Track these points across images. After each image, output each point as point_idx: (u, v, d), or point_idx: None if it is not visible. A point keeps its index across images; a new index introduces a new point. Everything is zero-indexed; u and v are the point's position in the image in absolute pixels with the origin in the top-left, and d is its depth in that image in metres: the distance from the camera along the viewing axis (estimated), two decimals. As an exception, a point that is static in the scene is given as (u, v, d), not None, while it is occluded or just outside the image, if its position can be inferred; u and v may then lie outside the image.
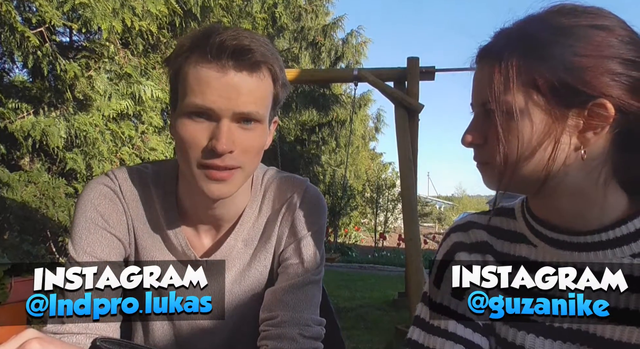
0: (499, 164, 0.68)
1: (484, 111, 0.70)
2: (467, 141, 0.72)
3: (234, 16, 5.12)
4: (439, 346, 0.74)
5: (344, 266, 8.99)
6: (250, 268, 1.00)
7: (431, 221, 25.86)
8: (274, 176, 1.04)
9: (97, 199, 0.93)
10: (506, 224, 0.80)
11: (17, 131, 3.62)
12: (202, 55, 0.83)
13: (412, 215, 4.21)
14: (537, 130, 0.66)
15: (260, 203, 1.01)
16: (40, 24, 3.52)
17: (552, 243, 0.72)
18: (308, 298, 0.96)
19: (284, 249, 0.99)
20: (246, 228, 0.99)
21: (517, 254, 0.76)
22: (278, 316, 0.93)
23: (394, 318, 4.69)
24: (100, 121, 3.96)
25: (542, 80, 0.65)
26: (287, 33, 10.57)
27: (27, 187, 3.66)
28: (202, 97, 0.82)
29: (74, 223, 0.92)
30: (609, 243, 0.68)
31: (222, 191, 0.86)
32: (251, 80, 0.84)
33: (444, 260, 0.80)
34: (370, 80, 4.40)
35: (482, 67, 0.71)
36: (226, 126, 0.82)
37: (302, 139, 11.20)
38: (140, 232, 0.96)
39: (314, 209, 1.01)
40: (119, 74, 4.09)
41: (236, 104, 0.82)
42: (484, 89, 0.68)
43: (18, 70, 4.27)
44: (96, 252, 0.90)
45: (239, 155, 0.85)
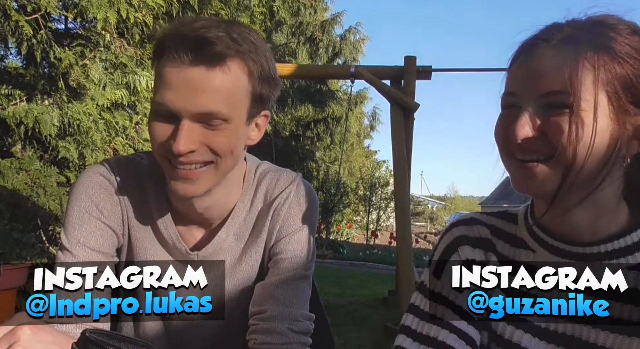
0: (561, 162, 0.64)
1: (547, 102, 0.65)
2: (523, 134, 0.65)
3: (232, 9, 5.09)
4: (433, 334, 0.74)
5: (335, 263, 9.02)
6: (242, 261, 1.00)
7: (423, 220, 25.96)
8: (267, 170, 1.03)
9: (92, 189, 0.92)
10: (507, 227, 0.79)
11: (9, 117, 3.59)
12: (161, 52, 0.80)
13: (405, 214, 4.22)
14: (606, 130, 0.64)
15: (252, 197, 1.00)
16: (35, 12, 3.48)
17: (551, 250, 0.72)
18: (298, 292, 0.96)
19: (275, 243, 0.99)
20: (237, 222, 0.98)
21: (517, 259, 0.76)
22: (267, 310, 0.92)
23: (384, 315, 4.70)
24: (94, 111, 3.93)
25: (618, 82, 0.64)
26: (285, 28, 10.53)
27: (19, 175, 3.63)
28: (161, 96, 0.79)
29: (68, 212, 0.91)
30: (607, 255, 0.68)
31: (188, 189, 0.84)
32: (212, 75, 0.79)
33: (446, 251, 0.80)
34: (367, 78, 4.40)
35: (550, 57, 0.65)
36: (186, 126, 0.79)
37: (297, 135, 11.18)
38: (134, 222, 0.95)
39: (306, 204, 1.01)
40: (114, 64, 4.05)
41: (194, 104, 0.78)
42: (553, 80, 0.64)
43: (12, 57, 4.22)
44: (89, 242, 0.89)
45: (205, 152, 0.82)
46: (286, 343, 0.90)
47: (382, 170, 15.93)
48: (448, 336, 0.73)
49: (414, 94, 4.35)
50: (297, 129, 11.24)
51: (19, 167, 3.68)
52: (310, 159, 11.27)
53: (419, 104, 4.36)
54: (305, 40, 11.09)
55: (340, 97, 10.97)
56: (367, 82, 4.54)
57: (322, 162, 12.61)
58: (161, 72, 0.80)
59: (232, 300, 1.01)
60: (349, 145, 13.89)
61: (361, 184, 14.94)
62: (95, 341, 0.52)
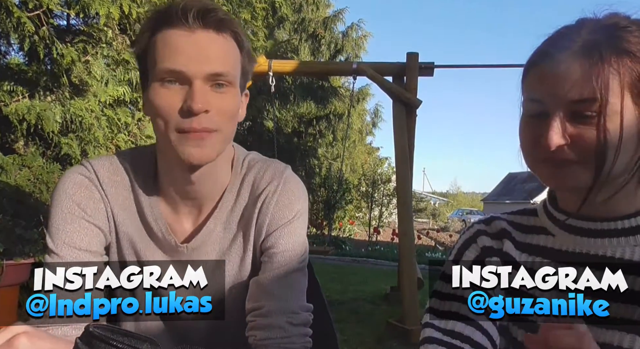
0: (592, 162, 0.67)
1: (576, 109, 0.68)
2: (556, 143, 0.68)
3: (234, 5, 5.08)
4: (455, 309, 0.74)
5: (337, 259, 9.02)
6: (230, 252, 1.00)
7: (425, 216, 25.98)
8: (255, 159, 1.03)
9: (72, 189, 0.91)
10: (527, 221, 0.83)
11: (12, 114, 3.59)
12: (168, 21, 0.84)
13: (407, 210, 4.21)
14: (633, 129, 0.67)
15: (239, 186, 0.99)
16: (37, 8, 3.48)
17: (569, 230, 0.75)
18: (293, 285, 0.96)
19: (266, 237, 0.98)
20: (225, 212, 0.98)
21: (535, 243, 0.79)
22: (264, 306, 0.92)
23: (386, 312, 4.71)
24: (96, 107, 3.93)
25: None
26: (288, 24, 10.52)
27: (21, 171, 3.64)
28: (172, 61, 0.83)
29: (50, 216, 0.91)
30: (624, 232, 0.71)
31: (201, 154, 0.86)
32: (219, 39, 0.86)
33: (465, 243, 0.85)
34: (369, 74, 4.39)
35: (573, 63, 0.67)
36: (199, 86, 0.83)
37: (299, 131, 11.19)
38: (121, 218, 0.95)
39: (294, 196, 1.00)
40: (117, 60, 4.05)
41: (207, 65, 0.84)
42: (582, 86, 0.66)
43: (14, 53, 4.22)
44: (76, 242, 0.89)
45: (214, 116, 0.85)
46: (286, 337, 0.91)
47: (385, 166, 15.92)
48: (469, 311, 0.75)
49: (416, 90, 4.34)
50: (299, 125, 11.24)
51: (21, 163, 3.69)
52: (312, 156, 11.28)
53: (421, 101, 4.35)
54: (308, 36, 11.08)
55: (343, 93, 10.95)
56: (369, 79, 4.53)
57: (324, 159, 12.62)
58: (168, 39, 0.84)
59: (224, 291, 1.02)
60: (351, 142, 13.89)
61: (363, 181, 14.93)
62: (99, 336, 0.52)
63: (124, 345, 0.52)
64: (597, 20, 0.71)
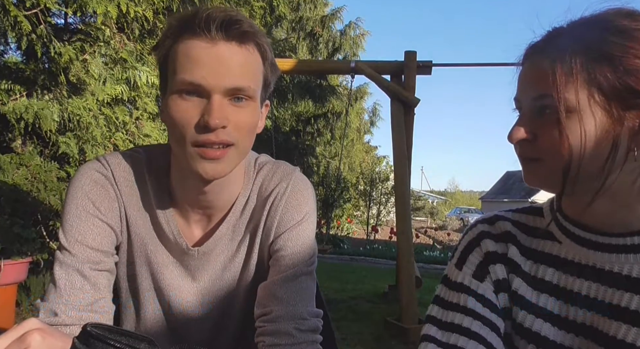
0: (556, 160, 0.68)
1: (537, 106, 0.69)
2: (517, 137, 0.70)
3: (232, 3, 5.06)
4: (458, 321, 0.75)
5: (335, 258, 9.03)
6: (237, 254, 0.99)
7: (423, 215, 25.96)
8: (265, 161, 1.02)
9: (89, 186, 0.91)
10: (532, 222, 0.82)
11: (9, 112, 3.57)
12: (190, 30, 0.82)
13: (405, 209, 4.22)
14: (598, 128, 0.66)
15: (250, 190, 0.99)
16: (34, 7, 3.46)
17: (577, 241, 0.74)
18: (302, 290, 0.94)
19: (274, 240, 0.97)
20: (235, 216, 0.98)
21: (541, 250, 0.78)
22: (272, 311, 0.91)
23: (384, 310, 4.72)
24: (94, 106, 3.92)
25: (604, 80, 0.65)
26: (285, 22, 10.50)
27: (19, 170, 3.62)
28: (191, 74, 0.80)
29: (65, 210, 0.90)
30: (634, 248, 0.70)
31: (216, 170, 0.84)
32: (241, 52, 0.82)
33: (468, 245, 0.83)
34: (367, 72, 4.39)
35: (539, 62, 0.70)
36: (217, 101, 0.81)
37: (297, 130, 11.16)
38: (133, 218, 0.94)
39: (303, 198, 0.99)
40: (114, 59, 4.03)
41: (227, 79, 0.81)
42: (541, 84, 0.68)
43: (12, 52, 4.20)
44: (87, 240, 0.88)
45: (232, 130, 0.83)
46: (295, 344, 0.89)
47: (383, 165, 15.95)
48: (472, 322, 0.74)
49: (414, 88, 4.34)
50: (297, 124, 11.23)
51: (19, 162, 3.68)
52: (310, 155, 11.25)
53: (419, 99, 4.36)
54: (305, 35, 11.06)
55: (341, 92, 10.95)
56: (367, 77, 4.53)
57: (322, 158, 12.61)
58: (189, 50, 0.81)
59: (228, 294, 1.02)
60: (349, 140, 13.89)
61: (361, 179, 14.95)
62: (97, 335, 0.52)
63: (121, 344, 0.52)
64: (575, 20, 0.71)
